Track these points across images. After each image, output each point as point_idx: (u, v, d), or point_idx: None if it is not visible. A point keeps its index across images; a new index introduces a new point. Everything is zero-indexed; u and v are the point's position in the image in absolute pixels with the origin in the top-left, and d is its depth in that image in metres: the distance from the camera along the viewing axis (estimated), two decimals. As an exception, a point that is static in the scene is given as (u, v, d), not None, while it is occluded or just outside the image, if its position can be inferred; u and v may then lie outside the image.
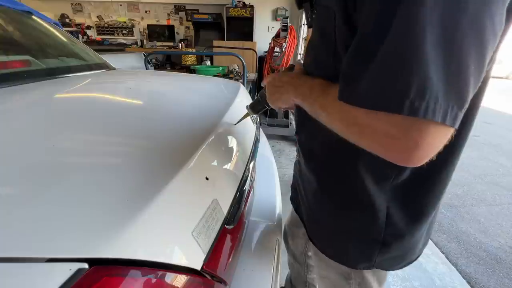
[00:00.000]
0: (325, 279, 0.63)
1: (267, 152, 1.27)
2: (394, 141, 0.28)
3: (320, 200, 0.54)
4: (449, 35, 0.24)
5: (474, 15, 0.24)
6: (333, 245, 0.55)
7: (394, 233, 0.47)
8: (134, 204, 0.34)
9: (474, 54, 0.25)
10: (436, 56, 0.25)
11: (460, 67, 0.25)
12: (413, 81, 0.25)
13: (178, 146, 0.51)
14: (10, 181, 0.36)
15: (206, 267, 0.39)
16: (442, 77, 0.25)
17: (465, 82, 0.26)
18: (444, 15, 0.24)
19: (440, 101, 0.25)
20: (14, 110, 0.61)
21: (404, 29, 0.25)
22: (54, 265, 0.26)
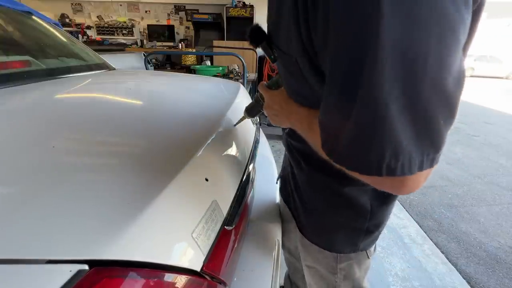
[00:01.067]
0: (311, 268, 0.67)
1: (267, 152, 1.27)
2: (384, 187, 0.33)
3: (310, 197, 0.59)
4: (412, 100, 0.25)
5: (432, 78, 0.25)
6: (321, 236, 0.60)
7: (376, 223, 0.55)
8: (134, 205, 0.34)
9: (440, 109, 0.26)
10: (403, 120, 0.26)
11: (428, 125, 0.27)
12: (386, 148, 0.27)
13: (177, 147, 0.51)
14: (10, 182, 0.36)
15: (206, 268, 0.39)
16: (413, 136, 0.27)
17: (436, 133, 0.27)
18: (406, 85, 0.25)
19: (414, 157, 0.27)
20: (14, 110, 0.61)
21: (369, 101, 0.26)
22: (54, 267, 0.26)
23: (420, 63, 0.24)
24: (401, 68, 0.24)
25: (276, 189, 1.00)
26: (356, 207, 0.52)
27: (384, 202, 0.53)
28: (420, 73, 0.24)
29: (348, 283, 0.63)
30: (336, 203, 0.54)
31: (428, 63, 0.24)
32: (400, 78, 0.24)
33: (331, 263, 0.61)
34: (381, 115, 0.26)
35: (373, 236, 0.57)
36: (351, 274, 0.62)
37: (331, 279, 0.63)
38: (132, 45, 5.79)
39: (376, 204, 0.52)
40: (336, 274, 0.62)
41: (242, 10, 4.94)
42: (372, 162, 0.28)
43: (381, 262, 1.46)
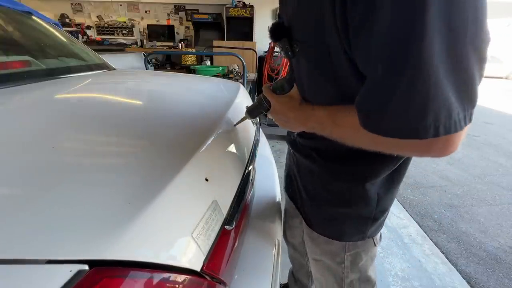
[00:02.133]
0: (319, 262, 0.68)
1: (267, 152, 1.27)
2: (431, 151, 0.34)
3: (320, 191, 0.60)
4: (456, 60, 0.28)
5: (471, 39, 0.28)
6: (330, 227, 0.62)
7: (382, 209, 0.57)
8: (134, 205, 0.34)
9: (476, 65, 0.29)
10: (451, 80, 0.28)
11: (469, 80, 0.29)
12: (441, 109, 0.29)
13: (177, 147, 0.51)
14: (10, 182, 0.36)
15: (206, 268, 0.39)
16: (458, 93, 0.29)
17: (473, 87, 0.30)
18: (451, 49, 0.28)
19: (461, 113, 0.30)
20: (14, 110, 0.61)
21: (420, 66, 0.28)
22: (55, 267, 0.26)
23: (462, 27, 0.27)
24: (446, 32, 0.27)
25: (276, 189, 1.01)
26: (365, 199, 0.54)
27: (389, 191, 0.55)
28: (462, 37, 0.28)
29: (355, 273, 0.64)
30: (346, 195, 0.55)
31: (468, 28, 0.27)
32: (446, 42, 0.27)
33: (340, 253, 0.62)
34: (434, 79, 0.28)
35: (378, 223, 0.59)
36: (358, 262, 0.63)
37: (339, 271, 0.64)
38: (132, 45, 5.79)
39: (383, 193, 0.54)
40: (343, 264, 0.63)
41: (242, 10, 4.94)
42: (429, 125, 0.30)
43: (381, 262, 1.46)
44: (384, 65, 0.30)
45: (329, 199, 0.58)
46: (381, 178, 0.52)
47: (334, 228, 0.61)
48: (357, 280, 0.67)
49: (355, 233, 0.60)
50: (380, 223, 0.61)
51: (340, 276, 0.65)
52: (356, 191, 0.54)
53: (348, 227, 0.59)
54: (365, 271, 0.66)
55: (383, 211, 0.58)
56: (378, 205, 0.55)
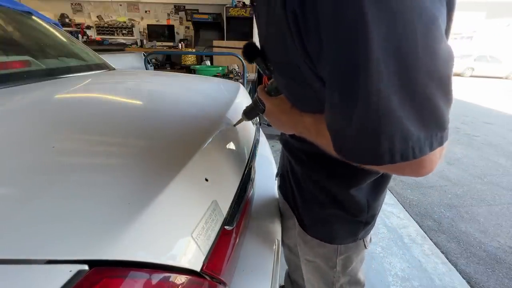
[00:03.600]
0: (310, 264, 0.69)
1: (267, 152, 1.27)
2: (402, 173, 0.34)
3: (311, 192, 0.60)
4: (410, 88, 0.27)
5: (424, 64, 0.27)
6: (322, 229, 0.62)
7: (372, 214, 0.59)
8: (134, 205, 0.34)
9: (437, 89, 0.28)
10: (406, 108, 0.28)
11: (429, 106, 0.28)
12: (395, 137, 0.29)
13: (177, 147, 0.51)
14: (10, 182, 0.36)
15: (206, 268, 0.39)
16: (418, 120, 0.28)
17: (438, 113, 0.29)
18: (402, 78, 0.27)
19: (423, 139, 0.29)
20: (14, 110, 0.61)
21: (371, 98, 0.28)
22: (54, 267, 0.26)
23: (411, 56, 0.26)
24: (394, 64, 0.26)
25: (276, 189, 1.01)
26: (355, 204, 0.55)
27: (377, 196, 0.57)
28: (413, 65, 0.26)
29: (345, 276, 0.66)
30: (337, 196, 0.56)
31: (419, 55, 0.26)
32: (396, 73, 0.26)
33: (331, 256, 0.63)
34: (385, 108, 0.27)
35: (369, 226, 0.61)
36: (348, 266, 0.64)
37: (330, 275, 0.65)
38: (132, 45, 5.79)
39: (372, 199, 0.56)
40: (335, 268, 0.64)
41: (242, 10, 4.94)
42: (384, 152, 0.30)
43: (381, 262, 1.46)
44: (338, 94, 0.31)
45: (320, 201, 0.59)
46: (366, 185, 0.54)
47: (326, 230, 0.61)
48: (346, 283, 0.67)
49: (347, 236, 0.60)
50: (371, 226, 0.62)
51: (331, 280, 0.66)
52: (345, 196, 0.55)
53: (340, 230, 0.60)
54: (355, 274, 0.67)
55: (373, 215, 0.59)
56: (368, 210, 0.57)
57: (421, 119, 0.28)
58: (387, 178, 0.56)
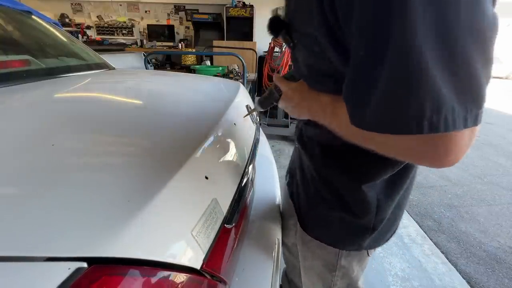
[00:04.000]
0: (308, 266, 0.66)
1: (267, 152, 1.27)
2: (424, 155, 0.29)
3: (317, 189, 0.57)
4: (448, 46, 0.24)
5: (466, 20, 0.24)
6: (324, 230, 0.59)
7: (382, 218, 0.53)
8: (133, 203, 0.34)
9: (477, 54, 0.25)
10: (441, 69, 0.24)
11: (468, 72, 0.25)
12: (426, 100, 0.25)
13: (177, 145, 0.51)
14: (9, 180, 0.36)
15: (205, 266, 0.39)
16: (453, 87, 0.25)
17: (476, 83, 0.25)
18: (440, 31, 0.24)
19: (457, 110, 0.25)
20: (14, 109, 0.61)
21: (402, 51, 0.25)
22: (53, 264, 0.26)
23: (453, 8, 0.23)
24: (433, 13, 0.23)
25: (276, 189, 1.00)
26: (363, 203, 0.50)
27: (390, 198, 0.51)
28: (453, 17, 0.23)
29: (344, 282, 0.62)
30: (345, 197, 0.52)
31: (461, 6, 0.23)
32: (433, 24, 0.23)
33: (331, 259, 0.59)
34: (417, 65, 0.24)
35: (377, 234, 0.55)
36: (350, 272, 0.61)
37: (328, 278, 0.62)
38: (132, 45, 5.78)
39: (383, 199, 0.51)
40: (334, 272, 0.61)
41: (242, 10, 4.94)
42: (412, 118, 0.26)
43: (381, 262, 1.46)
44: (365, 47, 0.27)
45: (326, 199, 0.55)
46: (380, 182, 0.49)
47: (329, 233, 0.58)
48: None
49: (351, 243, 0.56)
50: (380, 236, 0.56)
51: (329, 285, 0.63)
52: (354, 193, 0.50)
53: (344, 234, 0.56)
54: (355, 283, 0.64)
55: (382, 219, 0.53)
56: (378, 212, 0.51)
57: (457, 85, 0.25)
58: (404, 177, 0.50)
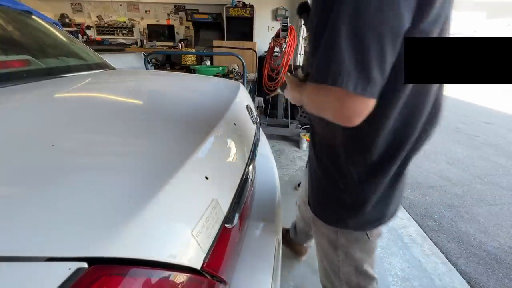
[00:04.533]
0: (319, 246, 0.77)
1: (267, 152, 1.27)
2: (332, 106, 0.44)
3: (319, 176, 0.67)
4: (355, 38, 0.39)
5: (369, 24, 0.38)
6: (319, 209, 0.70)
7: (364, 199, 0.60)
8: (134, 203, 0.34)
9: (373, 48, 0.39)
10: (350, 52, 0.39)
11: (364, 57, 0.39)
12: (334, 64, 0.40)
13: (177, 145, 0.51)
14: (10, 180, 0.36)
15: (206, 266, 0.39)
16: (354, 63, 0.40)
17: (369, 65, 0.40)
18: (352, 28, 0.39)
19: (352, 77, 0.39)
20: (14, 109, 0.61)
21: (329, 33, 0.42)
22: (54, 264, 0.26)
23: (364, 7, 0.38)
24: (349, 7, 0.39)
25: (276, 189, 1.01)
26: (346, 177, 0.60)
27: (370, 177, 0.58)
28: (361, 23, 0.38)
29: (348, 263, 0.69)
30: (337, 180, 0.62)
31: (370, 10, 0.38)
32: (350, 25, 0.39)
33: (332, 237, 0.69)
34: (337, 46, 0.40)
35: (363, 218, 0.63)
36: (351, 254, 0.68)
37: (334, 258, 0.71)
38: (132, 45, 5.78)
39: (365, 179, 0.58)
40: (337, 251, 0.69)
41: (242, 10, 4.94)
42: (328, 73, 0.41)
43: (381, 262, 1.46)
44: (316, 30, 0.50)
45: (319, 179, 0.67)
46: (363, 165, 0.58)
47: (322, 211, 0.69)
48: (353, 272, 0.70)
49: (338, 219, 0.65)
50: (366, 220, 0.63)
51: (337, 264, 0.71)
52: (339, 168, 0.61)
53: (331, 211, 0.66)
54: (361, 265, 0.70)
55: (365, 201, 0.60)
56: (359, 192, 0.59)
57: (356, 63, 0.39)
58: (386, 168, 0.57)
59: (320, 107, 0.48)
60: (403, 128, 0.53)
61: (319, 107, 0.49)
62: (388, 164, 0.57)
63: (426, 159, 2.93)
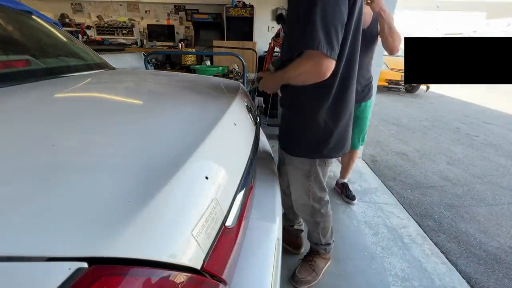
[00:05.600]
0: (295, 182, 1.07)
1: (267, 152, 1.27)
2: (311, 68, 0.75)
3: (291, 120, 0.99)
4: (325, 21, 0.70)
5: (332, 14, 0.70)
6: (299, 149, 0.99)
7: (330, 135, 0.93)
8: (134, 203, 0.34)
9: (337, 23, 0.72)
10: (321, 28, 0.70)
11: (329, 32, 0.71)
12: (315, 39, 0.70)
13: (177, 145, 0.51)
14: (10, 180, 0.36)
15: (206, 266, 0.39)
16: (324, 35, 0.70)
17: (332, 35, 0.71)
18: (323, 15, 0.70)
19: (325, 46, 0.70)
20: (14, 109, 0.61)
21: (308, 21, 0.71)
22: (54, 264, 0.26)
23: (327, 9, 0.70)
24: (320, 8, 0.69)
25: (276, 189, 1.00)
26: (315, 125, 0.92)
27: (333, 121, 0.92)
28: (328, 12, 0.70)
29: (315, 185, 1.03)
30: (307, 124, 0.93)
31: (329, 9, 0.70)
32: (321, 12, 0.70)
33: (307, 168, 1.00)
34: (313, 24, 0.70)
35: (330, 146, 0.94)
36: (319, 176, 1.02)
37: (306, 184, 1.03)
38: (132, 45, 5.78)
39: (328, 121, 0.91)
40: (310, 177, 1.01)
41: (242, 10, 4.94)
42: (313, 43, 0.70)
43: (381, 262, 1.46)
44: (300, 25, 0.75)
45: (296, 126, 0.97)
46: (324, 112, 0.89)
47: (302, 150, 0.97)
48: (318, 189, 1.04)
49: (315, 152, 0.96)
50: (333, 147, 0.95)
51: (308, 188, 1.04)
52: (309, 120, 0.92)
53: (311, 147, 0.95)
54: (321, 183, 1.04)
55: (330, 137, 0.93)
56: (325, 128, 0.92)
57: (325, 35, 0.70)
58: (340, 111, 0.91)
59: (301, 73, 0.77)
60: (345, 78, 0.87)
61: (299, 73, 0.78)
62: (341, 103, 0.90)
63: (426, 159, 2.93)
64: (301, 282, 1.26)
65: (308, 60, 0.73)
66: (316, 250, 1.31)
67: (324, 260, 1.33)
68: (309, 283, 1.27)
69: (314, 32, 0.69)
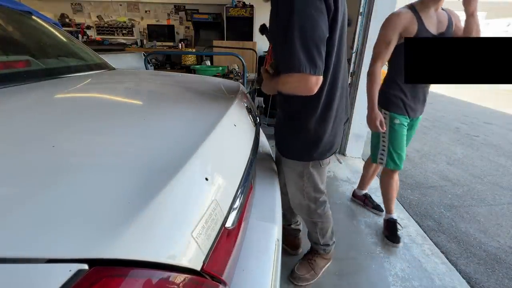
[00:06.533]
0: (290, 181, 1.09)
1: (267, 152, 1.27)
2: (298, 85, 0.77)
3: (284, 124, 1.01)
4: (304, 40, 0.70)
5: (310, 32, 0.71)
6: (292, 152, 1.01)
7: (319, 139, 0.95)
8: (134, 204, 0.34)
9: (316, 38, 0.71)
10: (302, 50, 0.70)
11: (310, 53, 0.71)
12: (296, 60, 0.71)
13: (177, 146, 0.51)
14: (10, 181, 0.36)
15: (206, 267, 0.39)
16: (305, 56, 0.71)
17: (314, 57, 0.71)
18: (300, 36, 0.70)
19: (307, 66, 0.71)
20: (14, 110, 0.61)
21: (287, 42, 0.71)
22: (54, 266, 0.26)
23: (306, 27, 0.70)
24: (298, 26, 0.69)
25: (276, 189, 1.01)
26: (305, 130, 0.93)
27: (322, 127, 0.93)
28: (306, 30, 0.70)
29: (309, 185, 1.04)
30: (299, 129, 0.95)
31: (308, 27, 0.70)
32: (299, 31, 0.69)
33: (301, 169, 1.01)
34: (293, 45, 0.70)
35: (320, 149, 0.96)
36: (313, 177, 1.02)
37: (300, 183, 1.05)
38: (132, 45, 5.78)
39: (317, 127, 0.93)
40: (303, 178, 1.02)
41: (242, 10, 4.94)
42: (292, 65, 0.72)
43: (381, 262, 1.46)
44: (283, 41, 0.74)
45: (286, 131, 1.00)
46: (314, 120, 0.91)
47: (294, 153, 1.00)
48: (312, 189, 1.05)
49: (306, 155, 0.98)
50: (322, 151, 0.97)
51: (302, 187, 1.05)
52: (299, 127, 0.94)
53: (302, 151, 0.98)
54: (316, 184, 1.05)
55: (319, 141, 0.94)
56: (315, 134, 0.93)
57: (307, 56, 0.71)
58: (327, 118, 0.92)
59: (291, 88, 0.80)
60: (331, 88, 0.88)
61: (289, 88, 0.80)
62: (329, 112, 0.91)
63: (426, 159, 2.93)
64: (299, 279, 1.27)
65: (294, 79, 0.75)
66: (316, 250, 1.31)
67: (324, 260, 1.33)
68: (307, 281, 1.28)
69: (294, 54, 0.69)
